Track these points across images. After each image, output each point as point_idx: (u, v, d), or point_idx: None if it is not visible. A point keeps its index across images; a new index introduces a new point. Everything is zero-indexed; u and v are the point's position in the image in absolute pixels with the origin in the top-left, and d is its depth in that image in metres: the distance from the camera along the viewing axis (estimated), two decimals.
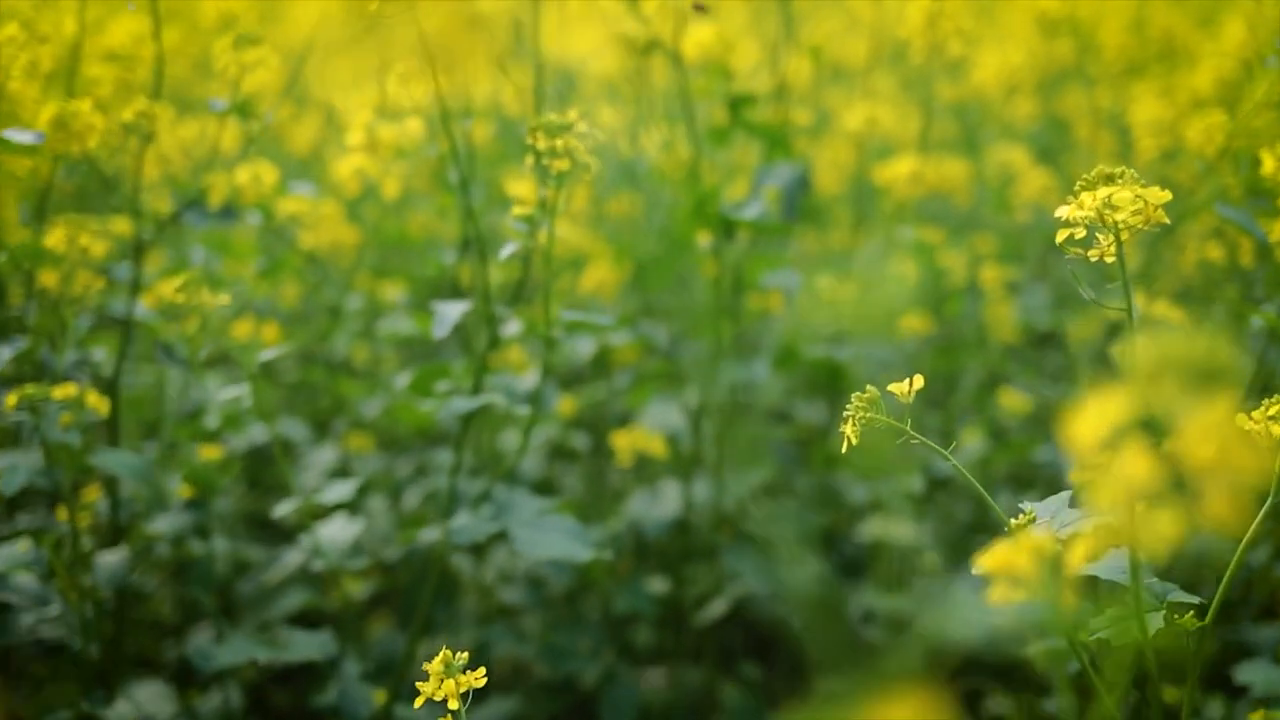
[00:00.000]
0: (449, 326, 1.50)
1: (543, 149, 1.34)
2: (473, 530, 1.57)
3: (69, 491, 1.69)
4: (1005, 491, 2.55)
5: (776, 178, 1.96)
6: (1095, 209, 0.94)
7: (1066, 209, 0.97)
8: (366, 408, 2.19)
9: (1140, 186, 0.95)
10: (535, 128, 1.35)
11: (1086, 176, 0.96)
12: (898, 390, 1.06)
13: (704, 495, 2.10)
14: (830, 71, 3.37)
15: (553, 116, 1.35)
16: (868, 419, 1.04)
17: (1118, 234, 0.96)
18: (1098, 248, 0.98)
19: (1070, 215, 0.97)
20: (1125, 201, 0.93)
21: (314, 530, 1.67)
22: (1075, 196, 0.97)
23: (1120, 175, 0.95)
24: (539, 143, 1.35)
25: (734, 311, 1.99)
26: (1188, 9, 3.74)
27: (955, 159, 2.74)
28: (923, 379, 1.05)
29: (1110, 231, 0.96)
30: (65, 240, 1.68)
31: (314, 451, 2.43)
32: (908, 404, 1.04)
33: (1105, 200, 0.94)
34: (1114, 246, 0.96)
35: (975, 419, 2.49)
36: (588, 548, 1.55)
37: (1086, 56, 3.34)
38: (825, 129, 3.23)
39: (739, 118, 1.96)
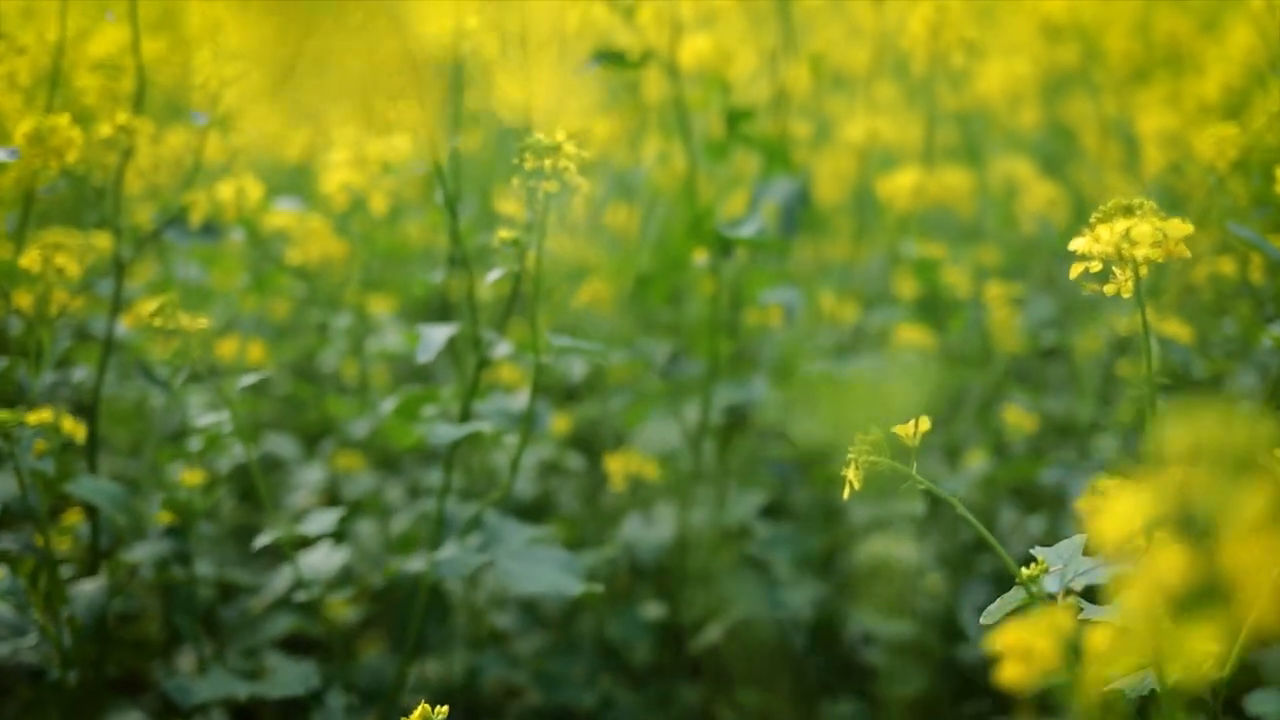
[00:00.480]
0: (433, 351, 1.44)
1: (530, 170, 1.29)
2: (459, 563, 1.51)
3: (45, 518, 1.64)
4: (1010, 508, 2.50)
5: (775, 192, 1.91)
6: (1113, 243, 0.88)
7: (1082, 242, 0.92)
8: (355, 428, 2.13)
9: (1160, 219, 0.90)
10: (523, 148, 1.29)
11: (1103, 208, 0.90)
12: (903, 433, 1.01)
13: (701, 518, 2.05)
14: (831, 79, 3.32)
15: (540, 136, 1.29)
16: (871, 463, 0.99)
17: (1136, 269, 0.90)
18: (1114, 282, 0.93)
19: (1086, 249, 0.91)
20: (1145, 236, 0.87)
21: (297, 560, 1.61)
22: (1091, 228, 0.91)
23: (1139, 207, 0.90)
24: (526, 163, 1.29)
25: (732, 329, 1.94)
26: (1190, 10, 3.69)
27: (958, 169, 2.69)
28: (928, 422, 0.99)
29: (1128, 266, 0.90)
30: (40, 260, 1.62)
31: (302, 470, 2.38)
32: (914, 447, 0.99)
33: (1124, 234, 0.88)
34: (1131, 281, 0.91)
35: (979, 436, 2.44)
36: (578, 580, 1.50)
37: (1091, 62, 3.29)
38: (826, 138, 3.17)
39: (737, 132, 1.90)
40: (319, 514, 1.57)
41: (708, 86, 1.94)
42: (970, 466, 2.25)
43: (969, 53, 1.96)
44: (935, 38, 1.89)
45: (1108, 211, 0.90)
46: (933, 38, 1.89)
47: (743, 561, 2.00)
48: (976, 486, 2.27)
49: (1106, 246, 0.89)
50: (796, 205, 1.90)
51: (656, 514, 2.08)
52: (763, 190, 1.93)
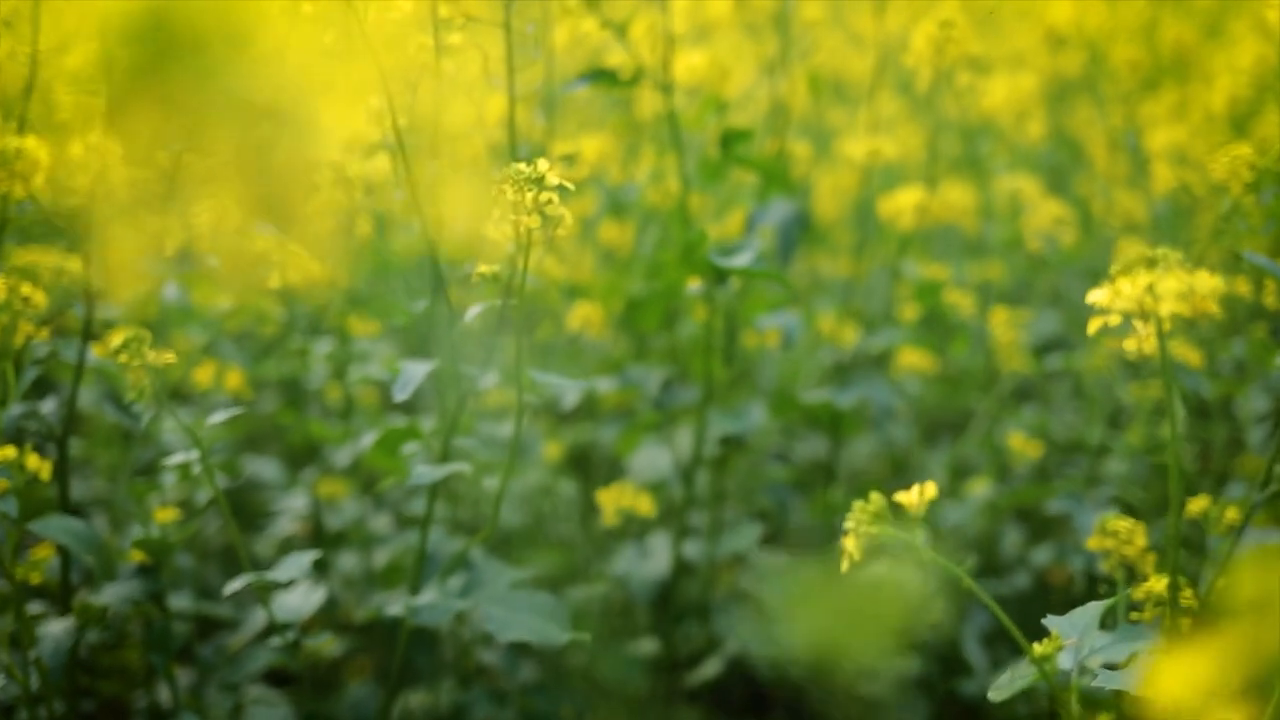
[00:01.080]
0: (409, 390, 1.37)
1: (510, 203, 1.22)
2: (438, 610, 1.44)
3: (10, 557, 1.57)
4: (1014, 529, 2.42)
5: (773, 215, 1.84)
6: (1135, 299, 0.81)
7: (1101, 295, 0.85)
8: (339, 456, 2.06)
9: (1186, 272, 0.83)
10: (501, 180, 1.22)
11: (1124, 259, 0.83)
12: (905, 501, 0.93)
13: (696, 551, 1.98)
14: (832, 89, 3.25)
15: (521, 166, 1.22)
16: (872, 535, 0.91)
17: (1160, 326, 0.83)
18: (1136, 338, 0.86)
19: (1106, 303, 0.84)
20: (1171, 291, 0.80)
21: (271, 603, 1.54)
22: (1111, 281, 0.84)
23: (1163, 258, 0.83)
24: (507, 195, 1.22)
25: (728, 355, 1.87)
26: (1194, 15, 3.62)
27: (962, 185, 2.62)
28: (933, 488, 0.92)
29: (1152, 321, 0.83)
30: (5, 289, 1.55)
31: (286, 497, 2.31)
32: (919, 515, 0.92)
33: (1147, 288, 0.81)
34: (1154, 338, 0.84)
35: (983, 458, 2.37)
36: (564, 627, 1.43)
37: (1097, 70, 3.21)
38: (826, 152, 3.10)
39: (732, 153, 1.83)
40: (294, 558, 1.49)
41: (703, 104, 1.87)
42: (974, 494, 2.18)
43: (974, 68, 1.89)
44: (940, 54, 1.82)
45: (1129, 263, 0.83)
46: (937, 54, 1.82)
47: (739, 595, 1.93)
48: (980, 513, 2.20)
49: (1128, 302, 0.82)
50: (795, 228, 1.83)
51: (651, 545, 2.01)
52: (760, 213, 1.86)
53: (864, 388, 1.98)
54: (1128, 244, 2.68)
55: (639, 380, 1.92)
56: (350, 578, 2.21)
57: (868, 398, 1.98)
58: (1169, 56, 3.35)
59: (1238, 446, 2.33)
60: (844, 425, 2.10)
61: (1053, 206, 2.29)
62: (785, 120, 2.07)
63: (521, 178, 1.21)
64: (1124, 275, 0.83)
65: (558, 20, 1.76)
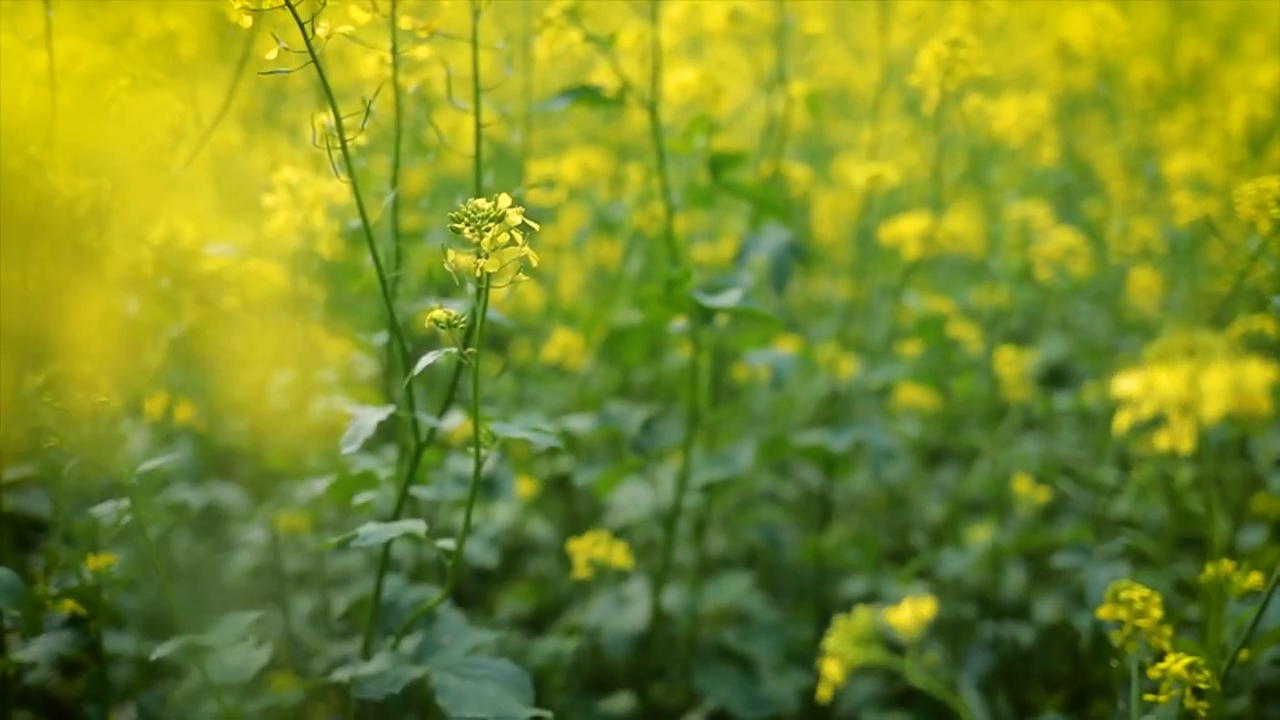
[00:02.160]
0: (358, 443, 1.24)
1: (467, 245, 1.09)
2: (386, 681, 1.32)
3: None
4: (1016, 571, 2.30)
5: (765, 245, 1.71)
6: (1175, 396, 0.68)
7: (1131, 385, 0.72)
8: (298, 492, 1.93)
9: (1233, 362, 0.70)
10: (458, 218, 1.09)
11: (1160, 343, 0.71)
12: (897, 624, 0.81)
13: (677, 601, 1.85)
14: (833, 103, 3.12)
15: (481, 203, 1.09)
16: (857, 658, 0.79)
17: (1201, 424, 0.70)
18: (1170, 433, 0.73)
19: (1137, 395, 0.71)
20: (1217, 388, 0.68)
21: (205, 666, 1.41)
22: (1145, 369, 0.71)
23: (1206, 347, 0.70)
24: (463, 235, 1.10)
25: (715, 396, 1.74)
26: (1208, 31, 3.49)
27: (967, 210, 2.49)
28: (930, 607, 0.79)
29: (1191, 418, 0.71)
30: None
31: (246, 529, 2.18)
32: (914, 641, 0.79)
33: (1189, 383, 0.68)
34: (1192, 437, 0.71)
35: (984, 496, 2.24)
36: (526, 700, 1.30)
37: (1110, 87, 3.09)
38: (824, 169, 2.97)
39: (722, 180, 1.70)
40: (233, 618, 1.37)
41: (692, 124, 1.74)
42: (975, 542, 2.05)
43: (982, 88, 1.76)
44: (948, 75, 1.69)
45: (1165, 350, 0.70)
46: (945, 75, 1.69)
47: (721, 653, 1.80)
48: (981, 560, 2.07)
49: (1165, 398, 0.69)
50: (789, 259, 1.70)
51: (629, 591, 1.88)
52: (752, 241, 1.73)
53: (861, 430, 1.85)
54: (1141, 273, 2.55)
55: (619, 419, 1.79)
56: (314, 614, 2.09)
57: (865, 440, 1.85)
58: (1186, 75, 3.23)
59: (1254, 483, 2.21)
60: (838, 467, 1.97)
61: (1065, 235, 2.15)
62: (781, 140, 1.94)
63: (478, 216, 1.08)
64: (1160, 364, 0.70)
65: (538, 33, 1.62)
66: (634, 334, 1.77)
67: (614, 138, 2.48)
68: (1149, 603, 1.49)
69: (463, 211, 1.09)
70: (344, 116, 1.31)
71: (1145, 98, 2.83)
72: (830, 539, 2.02)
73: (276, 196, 1.56)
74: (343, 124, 1.21)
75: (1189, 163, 2.33)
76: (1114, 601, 1.51)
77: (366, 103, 1.28)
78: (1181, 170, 2.32)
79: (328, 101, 1.66)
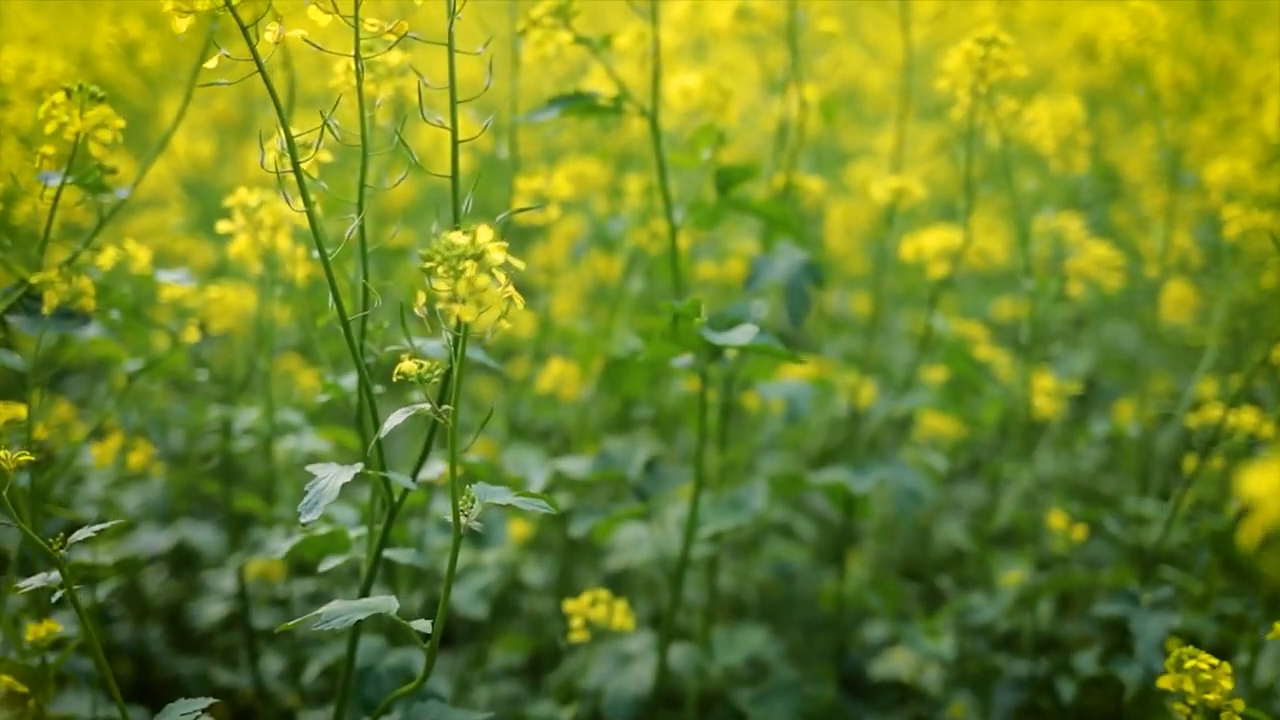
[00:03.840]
0: (318, 510, 1.08)
1: (442, 288, 0.92)
2: None
3: None
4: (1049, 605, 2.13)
5: (779, 268, 1.54)
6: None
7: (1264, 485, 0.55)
8: (271, 543, 1.76)
9: None
10: (429, 256, 0.92)
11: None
12: None
13: (685, 660, 1.68)
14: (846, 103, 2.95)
15: (457, 238, 0.92)
16: None
17: None
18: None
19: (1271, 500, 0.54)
20: None
21: None
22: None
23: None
24: (437, 276, 0.93)
25: (722, 439, 1.57)
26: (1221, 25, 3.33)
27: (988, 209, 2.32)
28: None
29: None
30: None
31: (216, 576, 2.02)
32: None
33: None
34: None
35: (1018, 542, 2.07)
36: None
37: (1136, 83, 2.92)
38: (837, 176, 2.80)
39: (730, 198, 1.53)
40: (182, 704, 1.20)
41: (698, 136, 1.57)
42: (1007, 586, 1.88)
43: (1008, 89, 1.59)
44: (980, 77, 1.52)
45: None
46: (978, 77, 1.52)
47: (734, 716, 1.63)
48: (1014, 606, 1.90)
49: None
50: (805, 283, 1.53)
51: (631, 646, 1.71)
52: (763, 264, 1.56)
53: (885, 469, 1.68)
54: (1175, 285, 2.39)
55: (620, 460, 1.62)
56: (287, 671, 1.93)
57: (890, 480, 1.68)
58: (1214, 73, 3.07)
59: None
60: (859, 508, 1.80)
61: (1099, 248, 1.99)
62: (795, 151, 1.76)
63: (453, 255, 0.91)
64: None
65: (525, 35, 1.45)
66: (635, 364, 1.60)
67: (613, 144, 2.32)
68: (1218, 673, 1.34)
69: (435, 249, 0.92)
70: (301, 133, 1.15)
71: (1174, 97, 2.66)
72: (849, 584, 1.86)
73: (233, 221, 1.39)
74: (294, 144, 1.04)
75: (1229, 168, 2.16)
76: (1177, 670, 1.35)
77: (325, 117, 1.11)
78: (1221, 176, 2.15)
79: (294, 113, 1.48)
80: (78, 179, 1.38)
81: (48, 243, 1.40)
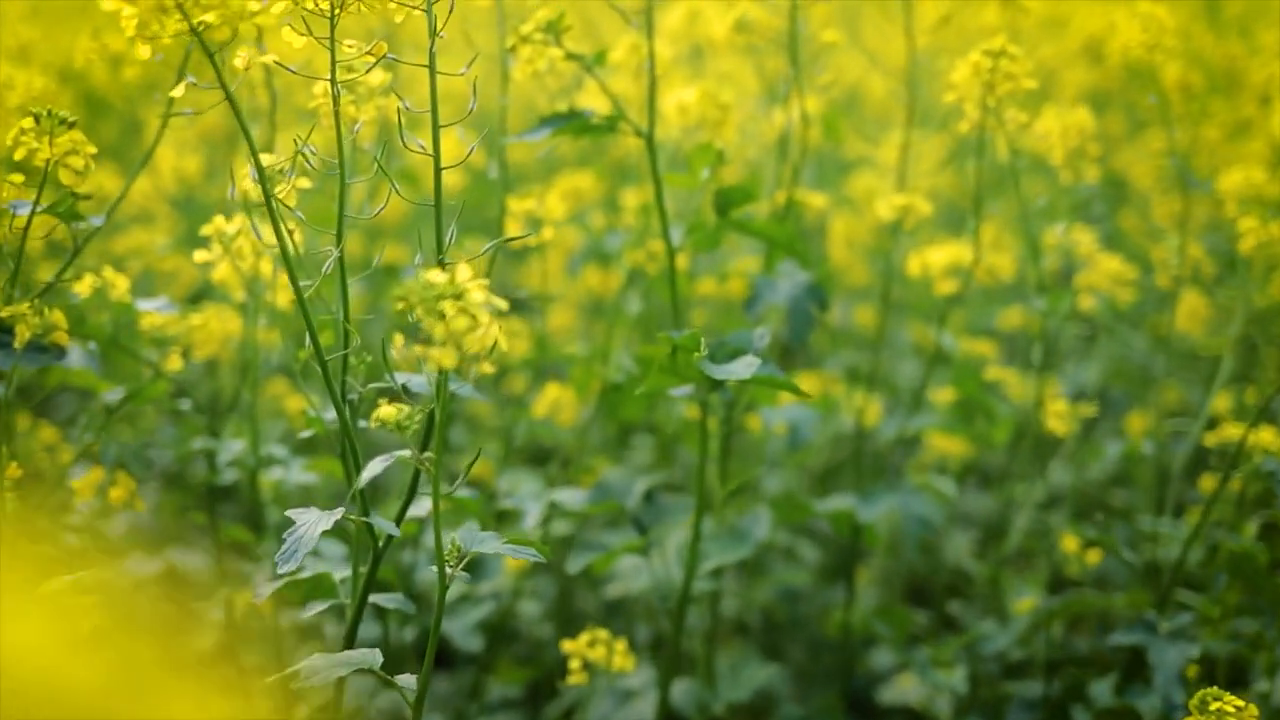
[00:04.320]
0: (298, 559, 1.02)
1: (418, 331, 0.86)
2: None
3: None
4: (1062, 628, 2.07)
5: (781, 291, 1.48)
6: None
7: None
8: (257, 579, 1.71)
9: None
10: (401, 294, 0.87)
11: None
12: None
13: (688, 697, 1.62)
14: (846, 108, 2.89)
15: (435, 276, 0.86)
16: None
17: None
18: None
19: None
20: None
21: None
22: None
23: None
24: (414, 317, 0.87)
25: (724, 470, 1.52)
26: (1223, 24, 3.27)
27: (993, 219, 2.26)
28: None
29: None
30: None
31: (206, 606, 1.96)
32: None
33: None
34: None
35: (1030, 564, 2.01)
36: None
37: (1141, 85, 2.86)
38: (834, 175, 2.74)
39: (730, 219, 1.47)
40: None
41: (696, 156, 1.51)
42: (1018, 619, 1.82)
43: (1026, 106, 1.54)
44: (989, 90, 1.46)
45: None
46: (986, 90, 1.46)
47: None
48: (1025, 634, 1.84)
49: None
50: (808, 305, 1.47)
51: (632, 682, 1.65)
52: (765, 286, 1.51)
53: (892, 497, 1.62)
54: (1189, 295, 2.33)
55: (618, 491, 1.57)
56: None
57: (900, 508, 1.62)
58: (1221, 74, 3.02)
59: None
60: (867, 536, 1.74)
61: (1111, 261, 1.93)
62: (796, 167, 1.70)
63: (431, 295, 0.85)
64: None
65: (515, 52, 1.40)
66: (632, 390, 1.54)
67: (611, 155, 2.26)
68: (1244, 716, 1.28)
69: (411, 289, 0.86)
70: (277, 162, 1.09)
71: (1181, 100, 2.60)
72: (856, 613, 1.80)
73: (210, 250, 1.33)
74: (267, 174, 0.99)
75: (1243, 177, 2.10)
76: (1201, 711, 1.30)
77: (299, 145, 1.05)
78: (1236, 185, 2.09)
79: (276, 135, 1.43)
80: (48, 208, 1.33)
81: (19, 274, 1.34)
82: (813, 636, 2.10)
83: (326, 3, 1.01)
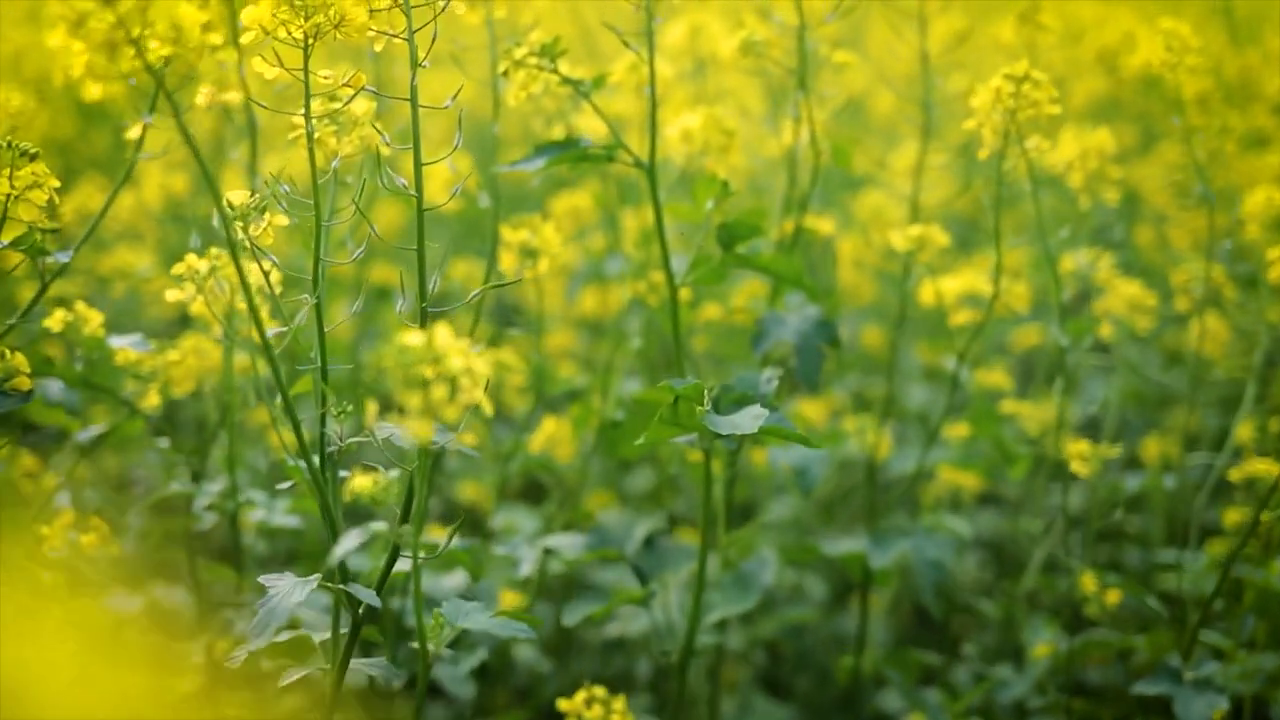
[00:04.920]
0: (269, 634, 0.94)
1: (400, 401, 0.78)
2: None
3: None
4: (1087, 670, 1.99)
5: (790, 328, 1.40)
6: None
7: None
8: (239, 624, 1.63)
9: None
10: (383, 360, 0.79)
11: None
12: None
13: None
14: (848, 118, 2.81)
15: (412, 340, 0.79)
16: None
17: None
18: None
19: None
20: None
21: None
22: None
23: None
24: (396, 384, 0.79)
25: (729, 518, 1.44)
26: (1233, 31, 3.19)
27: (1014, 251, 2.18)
28: None
29: None
30: None
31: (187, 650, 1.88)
32: None
33: None
34: None
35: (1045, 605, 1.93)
36: None
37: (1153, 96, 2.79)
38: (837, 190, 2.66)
39: (734, 255, 1.39)
40: None
41: (700, 188, 1.43)
42: (1036, 664, 1.74)
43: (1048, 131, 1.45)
44: (1010, 118, 1.39)
45: None
46: (1007, 118, 1.39)
47: None
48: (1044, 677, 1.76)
49: None
50: (818, 342, 1.40)
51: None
52: (772, 323, 1.43)
53: (904, 540, 1.54)
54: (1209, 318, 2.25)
55: (616, 536, 1.49)
56: None
57: (911, 552, 1.54)
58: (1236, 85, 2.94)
59: None
60: (878, 578, 1.67)
61: (1129, 287, 1.85)
62: (804, 192, 1.62)
63: (408, 362, 0.77)
64: None
65: (507, 77, 1.32)
66: (632, 431, 1.46)
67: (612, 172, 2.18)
68: None
69: (386, 354, 0.78)
70: (249, 201, 1.01)
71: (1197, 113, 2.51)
72: (866, 659, 1.72)
73: (182, 289, 1.25)
74: (231, 220, 0.91)
75: (1266, 198, 2.02)
76: None
77: (273, 179, 0.97)
78: (1259, 206, 2.01)
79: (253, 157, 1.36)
80: (11, 244, 1.25)
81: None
82: (820, 667, 2.03)
83: (300, 32, 0.93)
